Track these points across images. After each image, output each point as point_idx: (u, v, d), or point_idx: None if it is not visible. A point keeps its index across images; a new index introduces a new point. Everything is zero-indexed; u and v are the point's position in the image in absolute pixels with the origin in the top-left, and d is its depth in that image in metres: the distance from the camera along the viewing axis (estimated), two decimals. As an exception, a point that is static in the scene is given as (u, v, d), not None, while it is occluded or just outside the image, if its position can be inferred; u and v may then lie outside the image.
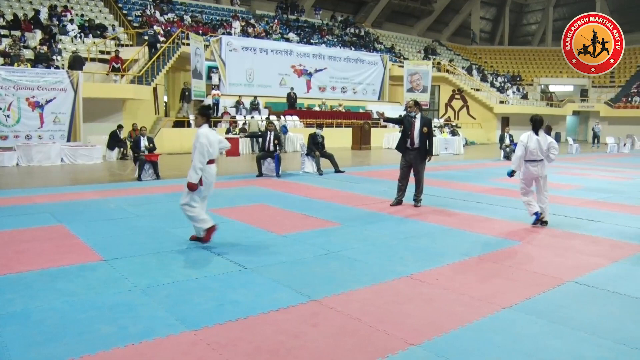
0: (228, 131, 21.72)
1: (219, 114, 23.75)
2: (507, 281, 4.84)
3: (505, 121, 31.97)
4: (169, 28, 24.40)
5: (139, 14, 25.27)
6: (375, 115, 25.63)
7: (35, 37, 20.09)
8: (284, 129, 22.37)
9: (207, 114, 6.23)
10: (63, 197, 9.44)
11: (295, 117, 25.08)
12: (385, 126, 26.44)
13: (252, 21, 30.19)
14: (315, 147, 13.97)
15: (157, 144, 13.53)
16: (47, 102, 16.94)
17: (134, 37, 23.25)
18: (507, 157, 19.10)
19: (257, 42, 27.26)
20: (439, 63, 34.57)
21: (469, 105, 33.97)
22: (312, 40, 30.90)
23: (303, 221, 7.49)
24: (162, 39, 23.05)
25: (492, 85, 36.40)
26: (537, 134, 7.19)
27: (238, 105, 24.58)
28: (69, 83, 17.25)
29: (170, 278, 4.80)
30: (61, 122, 17.31)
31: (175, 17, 26.60)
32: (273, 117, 22.95)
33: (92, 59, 20.57)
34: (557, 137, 33.05)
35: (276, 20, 31.70)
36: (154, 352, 3.34)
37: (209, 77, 25.01)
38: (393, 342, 3.53)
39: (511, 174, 7.40)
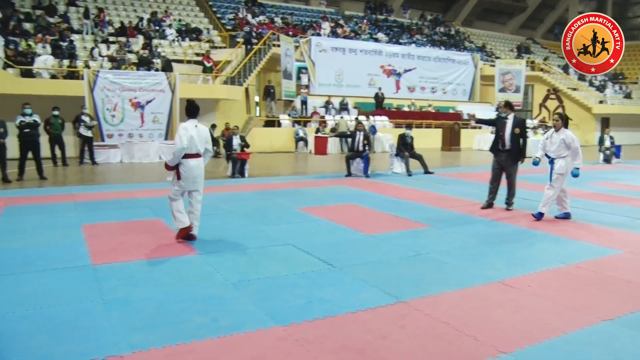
0: (317, 131, 21.99)
1: (308, 114, 24.09)
2: (607, 292, 4.56)
3: (605, 122, 30.10)
4: (260, 30, 25.04)
5: (232, 17, 26.14)
6: (465, 116, 24.98)
7: (138, 42, 21.32)
8: (373, 129, 22.32)
9: (189, 110, 6.26)
10: (161, 192, 9.93)
11: (385, 118, 24.96)
12: (476, 127, 25.71)
13: (341, 22, 30.36)
14: (405, 147, 13.84)
15: (249, 143, 13.92)
16: (148, 102, 17.90)
17: (227, 39, 24.07)
18: (607, 160, 18.01)
19: (346, 43, 27.36)
20: (532, 62, 33.10)
21: (564, 106, 32.24)
22: (401, 40, 30.61)
23: (391, 222, 7.44)
24: (253, 40, 23.70)
25: (591, 84, 34.41)
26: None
27: (327, 105, 24.81)
28: (167, 84, 18.14)
29: (259, 274, 4.93)
30: (160, 122, 18.23)
31: (266, 19, 27.26)
32: (362, 118, 22.96)
33: (189, 61, 21.50)
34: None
35: (365, 21, 31.68)
36: (244, 345, 3.45)
37: (298, 78, 25.42)
38: (482, 348, 3.43)
39: None
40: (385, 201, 9.25)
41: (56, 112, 15.26)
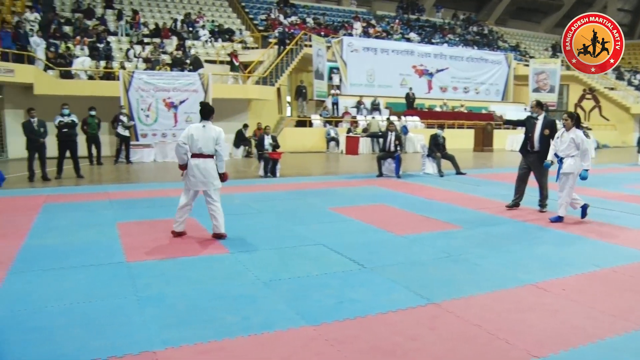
0: (349, 131, 21.97)
1: (340, 114, 24.08)
2: (646, 296, 4.44)
3: (644, 122, 29.34)
4: (292, 30, 25.13)
5: (264, 18, 26.31)
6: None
7: (172, 43, 21.64)
8: (405, 130, 22.19)
9: (201, 111, 6.42)
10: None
11: (416, 118, 24.79)
12: (509, 127, 25.32)
13: (373, 22, 30.26)
14: (436, 148, 13.71)
15: (280, 143, 14.00)
16: (181, 102, 18.15)
17: (259, 40, 24.23)
18: (647, 161, 17.53)
19: (378, 43, 27.26)
20: (568, 61, 32.39)
21: (601, 106, 31.52)
22: (433, 40, 30.34)
23: (423, 222, 7.39)
24: (287, 41, 23.80)
25: (630, 83, 33.50)
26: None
27: (359, 105, 24.76)
28: (200, 85, 18.35)
29: (290, 273, 4.95)
30: (192, 122, 18.38)
31: (298, 19, 27.35)
32: (394, 118, 22.84)
33: (221, 62, 21.71)
34: None
35: (397, 20, 31.50)
36: (275, 344, 3.47)
37: (330, 78, 25.44)
38: (515, 352, 3.38)
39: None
40: (416, 202, 9.19)
41: (93, 112, 15.62)
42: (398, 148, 13.13)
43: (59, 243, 6.06)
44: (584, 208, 7.65)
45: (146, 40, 21.45)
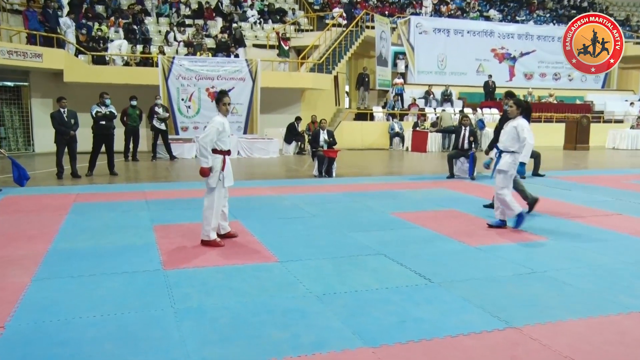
0: (415, 125, 21.81)
1: (405, 106, 23.92)
2: None
3: None
4: (351, 10, 25.15)
5: (321, -4, 26.48)
6: (596, 108, 23.84)
7: (216, 25, 22.04)
8: (481, 124, 21.71)
9: (219, 99, 6.43)
10: (238, 192, 10.22)
11: (494, 110, 24.33)
12: (610, 120, 24.51)
13: (446, -2, 29.94)
14: (518, 145, 13.42)
15: (337, 139, 14.02)
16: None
17: (314, 21, 24.36)
18: None
19: (451, 23, 26.95)
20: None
21: None
22: (517, 17, 29.68)
23: (500, 232, 7.25)
24: (343, 22, 23.83)
25: None
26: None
27: (427, 95, 24.57)
28: (248, 72, 18.57)
29: (347, 286, 4.96)
30: (239, 114, 18.72)
31: (360, -3, 27.37)
32: (468, 110, 22.52)
33: (271, 46, 21.96)
34: None
35: (474, -4, 31.06)
36: (328, 366, 3.47)
37: (394, 64, 25.33)
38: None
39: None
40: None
41: (134, 102, 15.96)
42: (473, 145, 12.94)
43: (90, 247, 6.28)
44: (502, 224, 7.51)
45: (187, 21, 21.94)
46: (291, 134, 19.27)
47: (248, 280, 5.12)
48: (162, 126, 16.66)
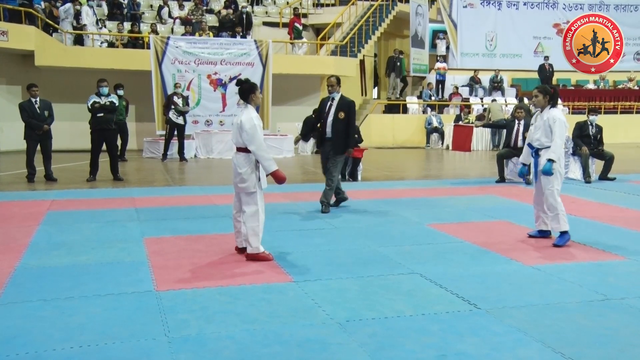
0: (458, 119, 21.71)
1: (446, 96, 23.82)
2: None
3: None
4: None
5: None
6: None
7: (219, 0, 22.05)
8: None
9: (251, 89, 6.87)
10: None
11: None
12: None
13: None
14: (584, 141, 13.28)
15: (363, 136, 13.98)
16: (231, 79, 18.15)
17: (337, -6, 24.40)
18: None
19: (504, -7, 26.80)
20: None
21: None
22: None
23: (564, 249, 7.17)
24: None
25: None
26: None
27: (473, 83, 24.46)
28: (257, 55, 18.48)
29: (375, 312, 4.93)
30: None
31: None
32: (525, 101, 22.39)
33: (285, 25, 21.97)
34: None
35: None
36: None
37: (433, 45, 25.24)
38: None
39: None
40: (555, 219, 8.94)
41: (120, 92, 15.78)
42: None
43: (67, 264, 6.30)
44: (546, 234, 7.62)
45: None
46: (309, 129, 19.23)
47: (257, 304, 5.10)
48: (180, 120, 16.41)
